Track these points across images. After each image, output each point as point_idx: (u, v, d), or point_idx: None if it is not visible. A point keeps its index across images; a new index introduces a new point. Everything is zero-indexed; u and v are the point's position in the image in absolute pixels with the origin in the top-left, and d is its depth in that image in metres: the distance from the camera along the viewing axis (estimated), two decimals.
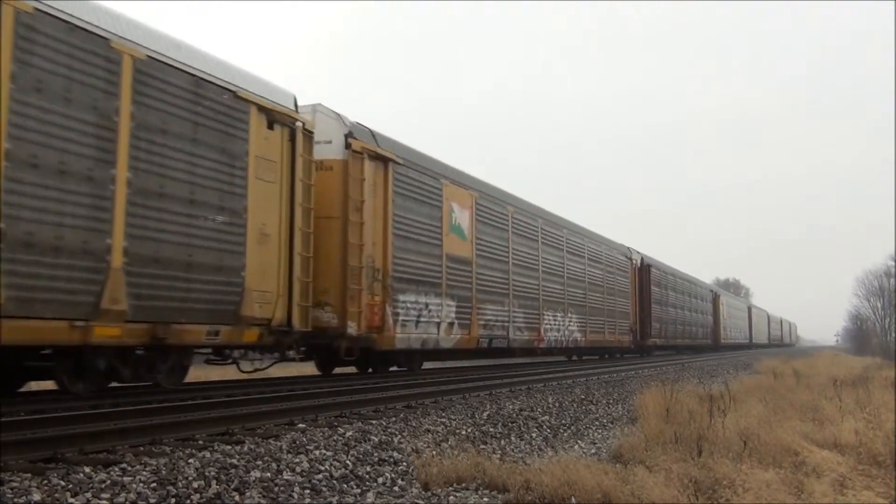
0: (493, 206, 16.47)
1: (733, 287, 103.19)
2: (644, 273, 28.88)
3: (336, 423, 7.13)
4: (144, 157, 7.90)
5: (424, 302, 13.12)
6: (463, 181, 15.28)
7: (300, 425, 6.91)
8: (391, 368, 13.93)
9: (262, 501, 4.54)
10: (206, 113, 8.73)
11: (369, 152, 11.81)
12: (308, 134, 10.53)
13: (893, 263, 64.65)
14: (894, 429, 7.70)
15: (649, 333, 28.69)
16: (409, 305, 12.64)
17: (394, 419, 7.58)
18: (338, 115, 11.66)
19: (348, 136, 11.49)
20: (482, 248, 15.56)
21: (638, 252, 28.82)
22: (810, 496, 5.37)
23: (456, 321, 14.26)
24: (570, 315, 21.03)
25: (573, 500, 5.05)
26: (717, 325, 43.74)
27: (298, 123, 10.29)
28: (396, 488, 5.32)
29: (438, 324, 13.61)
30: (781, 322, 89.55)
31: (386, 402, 8.85)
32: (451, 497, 5.19)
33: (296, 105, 10.49)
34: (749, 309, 60.78)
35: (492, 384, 11.97)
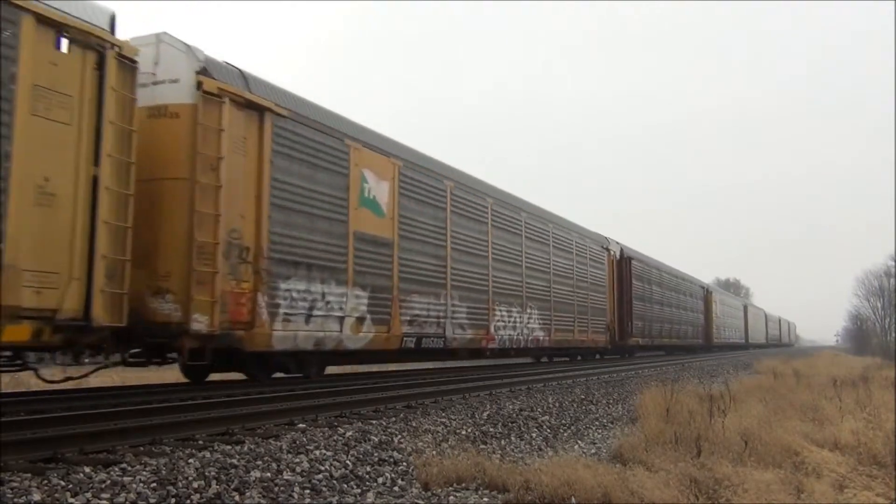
0: (424, 179, 13.60)
1: (733, 287, 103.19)
2: (624, 266, 26.11)
3: (336, 423, 7.13)
4: None
5: (320, 291, 10.47)
6: (382, 146, 12.51)
7: (300, 425, 6.91)
8: (277, 375, 11.18)
9: (262, 501, 4.54)
10: None
11: (234, 97, 9.20)
12: (127, 63, 7.86)
13: (893, 263, 64.68)
14: (894, 429, 7.71)
15: (630, 332, 25.93)
16: (295, 295, 9.97)
17: (394, 419, 7.58)
18: (188, 46, 9.07)
19: (201, 73, 8.91)
20: (408, 227, 12.85)
21: (617, 243, 26.08)
22: (810, 496, 5.37)
23: (369, 315, 11.55)
24: (530, 310, 18.05)
25: (573, 500, 5.05)
26: (710, 323, 41.26)
27: (112, 48, 7.67)
28: (396, 488, 5.32)
29: (342, 319, 10.93)
30: (780, 321, 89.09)
31: (386, 402, 8.85)
32: (451, 497, 5.19)
33: (113, 25, 7.93)
34: (745, 307, 59.25)
35: (492, 384, 11.97)
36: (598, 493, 5.11)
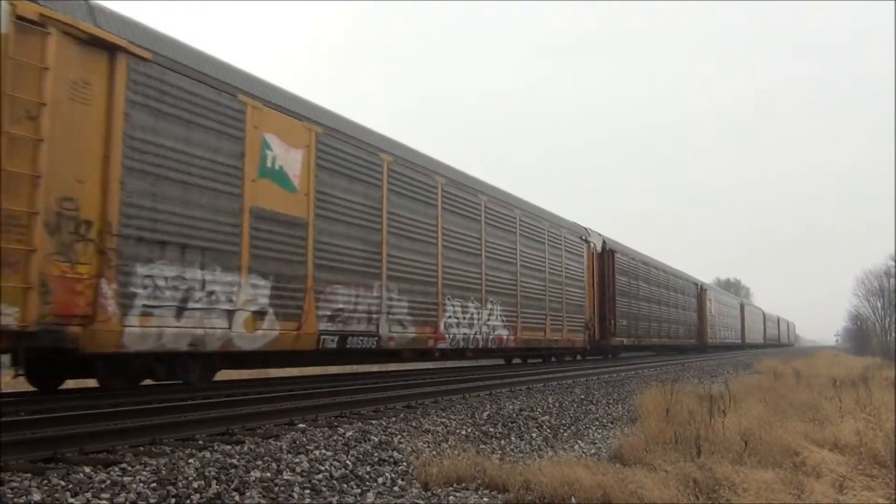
0: (352, 151, 11.47)
1: (734, 287, 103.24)
2: (606, 259, 24.18)
3: (336, 423, 7.13)
4: None
5: (199, 278, 8.56)
6: (294, 108, 10.46)
7: (300, 425, 6.91)
8: (146, 382, 9.25)
9: (262, 501, 4.54)
10: None
11: (68, 28, 7.32)
12: None
13: (893, 263, 64.77)
14: (894, 429, 7.71)
15: (612, 331, 24.07)
16: (161, 283, 8.14)
17: (394, 419, 7.58)
18: None
19: None
20: (328, 205, 10.80)
21: (599, 234, 24.19)
22: (810, 496, 5.37)
23: (271, 309, 9.57)
24: (490, 306, 15.96)
25: (573, 500, 5.05)
26: (703, 322, 39.47)
27: None
28: (396, 488, 5.33)
29: (231, 313, 8.95)
30: (778, 321, 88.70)
31: (386, 402, 8.85)
32: (451, 497, 5.19)
33: None
34: (741, 306, 57.70)
35: (492, 384, 11.97)
36: (598, 493, 5.12)
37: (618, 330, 24.62)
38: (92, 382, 9.19)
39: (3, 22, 6.78)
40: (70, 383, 9.50)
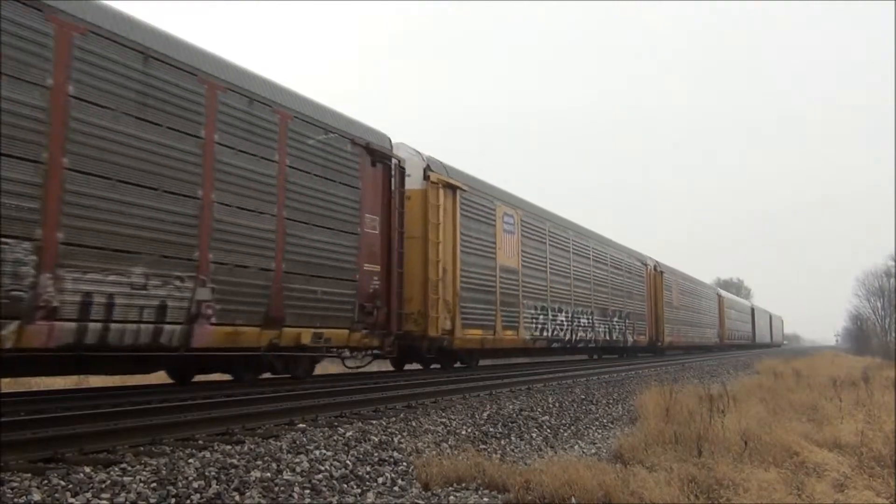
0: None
1: (735, 287, 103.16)
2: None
3: (336, 423, 7.12)
4: None
5: None
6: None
7: (300, 425, 6.90)
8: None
9: (262, 501, 4.54)
10: None
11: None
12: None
13: (893, 263, 64.76)
14: (894, 429, 7.71)
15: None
16: None
17: (394, 419, 7.58)
18: None
19: None
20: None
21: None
22: (810, 496, 5.37)
23: None
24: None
25: (573, 500, 5.05)
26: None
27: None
28: (396, 488, 5.33)
29: None
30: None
31: (386, 402, 8.85)
32: (451, 497, 5.19)
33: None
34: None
35: (492, 384, 11.96)
36: (598, 493, 5.12)
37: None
38: (93, 381, 9.17)
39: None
40: (71, 383, 9.50)
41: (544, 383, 13.23)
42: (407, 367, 15.46)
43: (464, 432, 7.38)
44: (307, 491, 4.88)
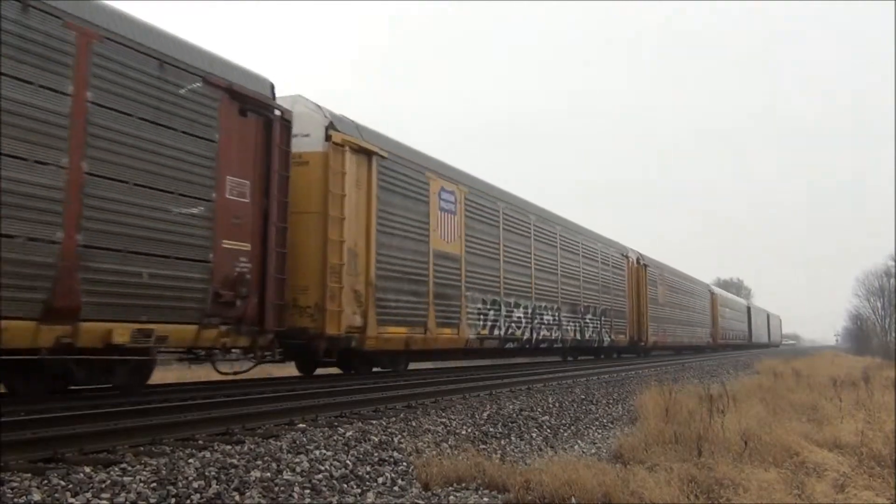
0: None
1: (735, 287, 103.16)
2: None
3: (336, 423, 7.12)
4: None
5: None
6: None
7: (300, 425, 6.91)
8: None
9: (262, 501, 4.54)
10: None
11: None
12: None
13: (893, 263, 64.80)
14: (894, 429, 7.71)
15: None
16: None
17: (394, 419, 7.58)
18: None
19: None
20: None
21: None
22: (810, 496, 5.37)
23: None
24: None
25: (573, 500, 5.05)
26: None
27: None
28: (396, 488, 5.33)
29: None
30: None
31: (386, 402, 8.85)
32: (451, 497, 5.19)
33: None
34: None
35: (492, 384, 11.97)
36: (598, 492, 5.12)
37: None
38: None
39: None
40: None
41: (544, 383, 13.23)
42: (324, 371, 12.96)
43: (464, 432, 7.38)
44: (307, 491, 4.88)
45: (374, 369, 13.04)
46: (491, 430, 7.77)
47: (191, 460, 5.09)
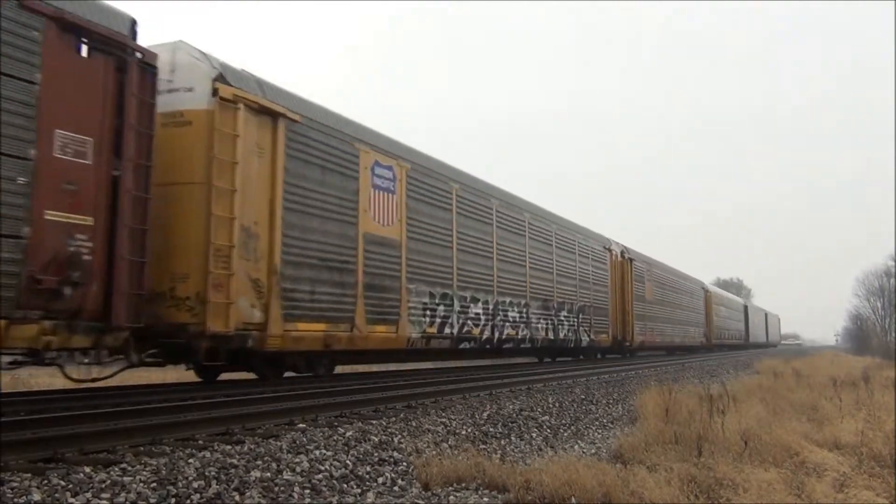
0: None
1: (735, 287, 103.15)
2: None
3: (336, 423, 7.13)
4: None
5: None
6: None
7: (300, 425, 6.91)
8: None
9: (262, 501, 4.54)
10: None
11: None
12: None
13: (893, 263, 64.81)
14: (894, 429, 7.72)
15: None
16: None
17: (394, 419, 7.58)
18: None
19: None
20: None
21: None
22: (810, 496, 5.37)
23: None
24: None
25: (573, 499, 5.05)
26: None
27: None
28: (396, 488, 5.33)
29: None
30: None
31: (386, 402, 8.86)
32: (451, 497, 5.19)
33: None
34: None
35: (492, 384, 11.97)
36: (598, 492, 5.12)
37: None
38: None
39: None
40: (71, 383, 9.49)
41: (544, 383, 13.23)
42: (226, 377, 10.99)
43: (464, 432, 7.38)
44: (307, 491, 4.88)
45: (288, 374, 11.03)
46: (491, 430, 7.77)
47: (191, 460, 5.09)
